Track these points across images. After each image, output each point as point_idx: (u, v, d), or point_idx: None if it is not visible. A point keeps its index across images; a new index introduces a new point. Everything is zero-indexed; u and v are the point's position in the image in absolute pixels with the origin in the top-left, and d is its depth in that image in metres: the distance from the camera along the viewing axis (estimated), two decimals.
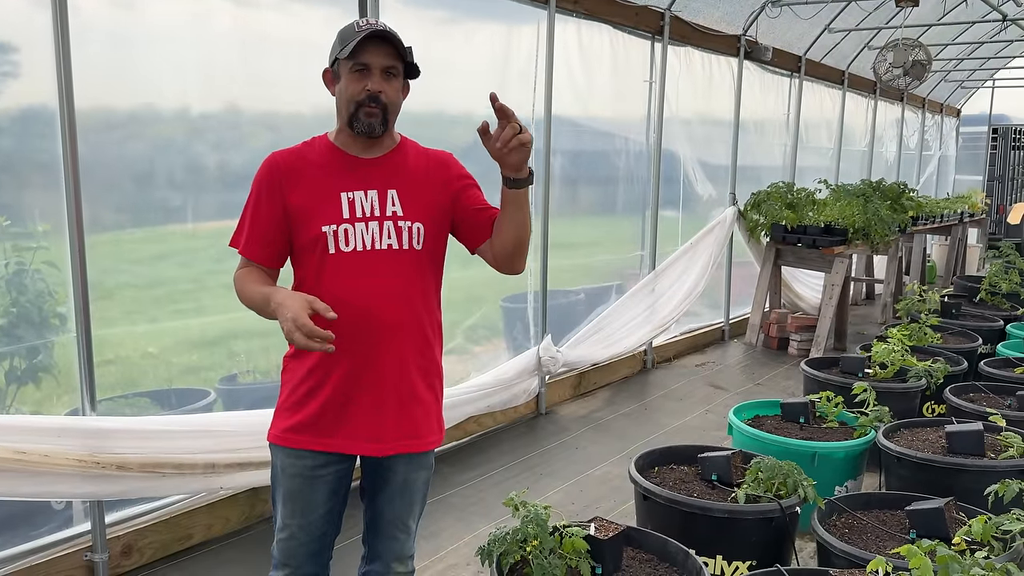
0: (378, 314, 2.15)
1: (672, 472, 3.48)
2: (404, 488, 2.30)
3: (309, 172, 2.17)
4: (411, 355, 2.21)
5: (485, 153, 2.16)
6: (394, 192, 2.19)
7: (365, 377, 2.17)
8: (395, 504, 2.31)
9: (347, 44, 2.08)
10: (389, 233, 2.16)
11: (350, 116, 2.14)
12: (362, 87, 2.10)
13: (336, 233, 2.13)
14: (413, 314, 2.21)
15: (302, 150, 2.22)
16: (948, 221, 10.44)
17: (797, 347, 7.47)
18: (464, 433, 4.92)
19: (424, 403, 2.26)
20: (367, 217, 2.15)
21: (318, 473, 2.22)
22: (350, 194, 2.15)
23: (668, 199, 7.01)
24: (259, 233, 2.19)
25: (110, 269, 3.41)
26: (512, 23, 5.06)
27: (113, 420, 3.16)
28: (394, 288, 2.17)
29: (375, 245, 2.15)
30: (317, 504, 2.24)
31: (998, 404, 4.51)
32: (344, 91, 2.13)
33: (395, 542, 2.34)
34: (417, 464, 2.30)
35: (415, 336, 2.22)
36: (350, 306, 2.12)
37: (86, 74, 3.03)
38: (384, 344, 2.17)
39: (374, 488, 2.32)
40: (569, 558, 2.56)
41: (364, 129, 2.13)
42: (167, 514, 3.49)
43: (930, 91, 12.79)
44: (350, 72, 2.11)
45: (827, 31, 8.40)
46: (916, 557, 2.24)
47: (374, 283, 2.15)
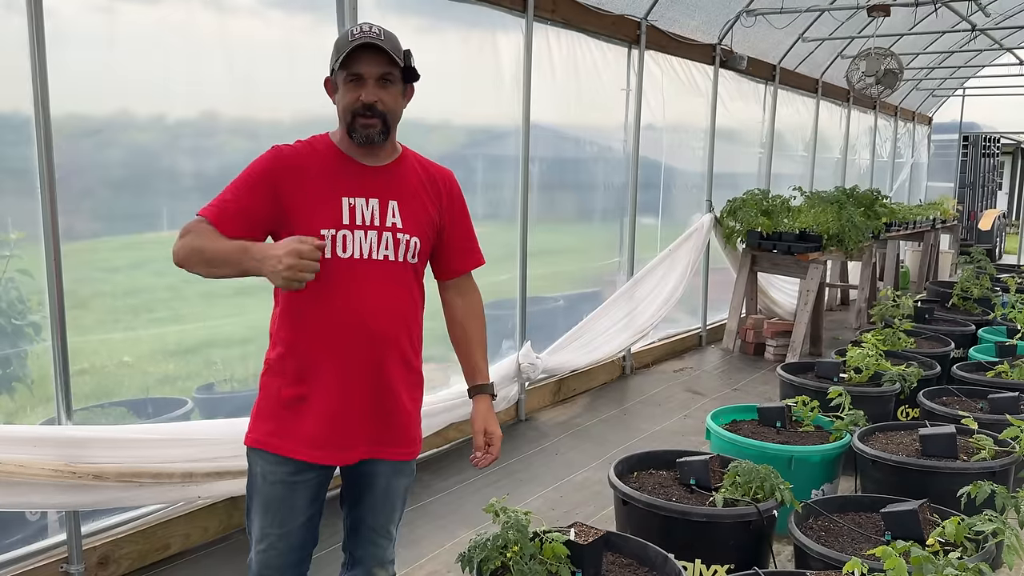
0: (370, 324, 2.13)
1: (651, 477, 3.51)
2: (386, 495, 2.29)
3: (312, 171, 2.13)
4: (397, 366, 2.21)
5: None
6: (395, 203, 2.17)
7: (353, 385, 2.15)
8: (377, 511, 2.30)
9: (341, 54, 2.06)
10: (387, 244, 2.15)
11: (348, 126, 2.12)
12: (356, 97, 2.08)
13: (335, 238, 2.10)
14: (402, 326, 2.21)
15: (306, 148, 2.19)
16: (921, 227, 10.60)
17: (773, 352, 7.54)
18: (444, 440, 4.92)
19: (408, 413, 2.27)
20: (367, 226, 2.13)
21: (299, 479, 2.19)
22: (351, 200, 2.13)
23: (647, 205, 7.07)
24: (240, 209, 2.08)
25: (85, 278, 3.37)
26: (491, 31, 5.08)
27: (89, 429, 3.13)
28: (387, 299, 2.16)
29: (372, 255, 2.14)
30: (298, 512, 2.22)
31: (971, 407, 4.58)
32: (340, 101, 2.12)
33: (377, 548, 2.34)
34: (399, 472, 2.30)
35: (402, 348, 2.21)
36: (342, 313, 2.12)
37: (61, 80, 3.01)
38: (373, 354, 2.15)
39: (355, 495, 2.31)
40: (549, 563, 2.57)
41: (362, 139, 2.12)
42: (144, 524, 3.45)
43: (902, 99, 12.99)
44: (345, 82, 2.09)
45: (801, 40, 8.51)
46: (891, 558, 2.27)
47: (368, 292, 2.13)
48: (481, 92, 5.17)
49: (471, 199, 2.64)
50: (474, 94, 5.16)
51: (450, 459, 4.80)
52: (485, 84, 5.12)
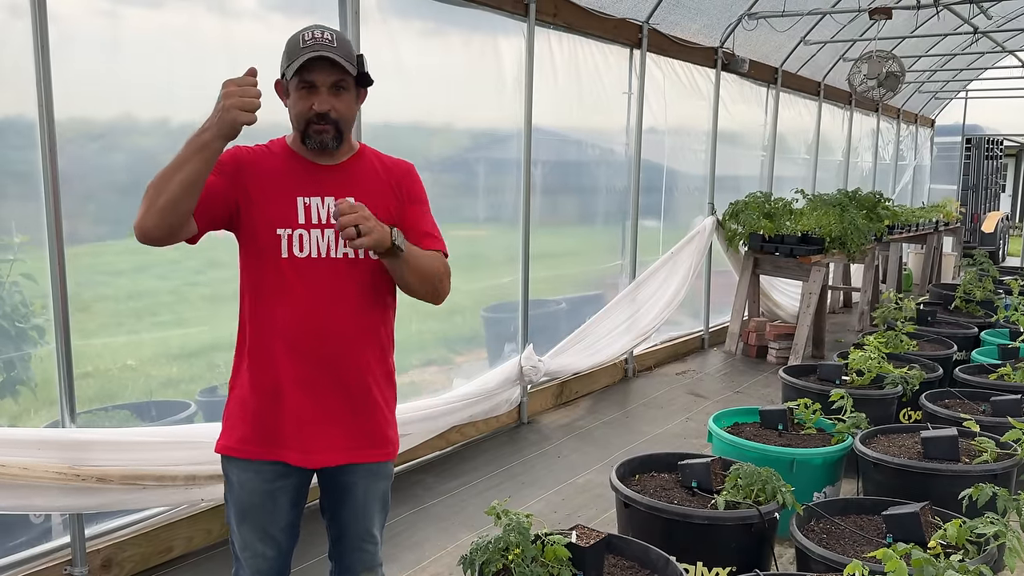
0: (335, 323, 2.13)
1: (653, 480, 3.51)
2: (366, 501, 2.27)
3: (268, 172, 2.15)
4: (368, 364, 2.20)
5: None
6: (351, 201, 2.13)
7: (319, 386, 2.14)
8: (359, 518, 2.29)
9: (292, 61, 2.06)
10: (345, 242, 2.12)
11: (301, 133, 2.13)
12: (309, 106, 2.08)
13: (291, 237, 2.11)
14: (369, 324, 2.20)
15: (262, 150, 2.21)
16: (923, 230, 10.59)
17: (776, 355, 7.54)
18: (446, 443, 4.93)
19: (381, 412, 2.24)
20: (323, 224, 2.13)
21: (278, 486, 2.18)
22: (306, 199, 2.13)
23: (649, 208, 7.07)
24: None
25: (88, 281, 3.39)
26: (493, 35, 5.09)
27: (93, 432, 3.14)
28: (351, 297, 2.15)
29: (330, 253, 2.13)
30: (279, 518, 2.21)
31: (973, 410, 4.58)
32: (293, 108, 2.12)
33: (364, 554, 2.33)
34: (377, 474, 2.27)
35: (372, 345, 2.20)
36: (303, 313, 2.11)
37: (65, 84, 3.02)
38: (341, 353, 2.15)
39: (336, 504, 2.29)
40: (551, 566, 2.58)
41: (316, 145, 2.12)
42: (147, 527, 3.46)
43: (905, 102, 12.98)
44: (297, 89, 2.09)
45: (803, 43, 8.52)
46: (892, 560, 2.28)
47: (330, 291, 2.13)
48: (483, 96, 5.18)
49: (473, 202, 2.65)
50: (476, 98, 5.17)
51: (452, 462, 4.80)
52: (487, 88, 5.14)
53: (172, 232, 2.02)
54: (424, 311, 5.02)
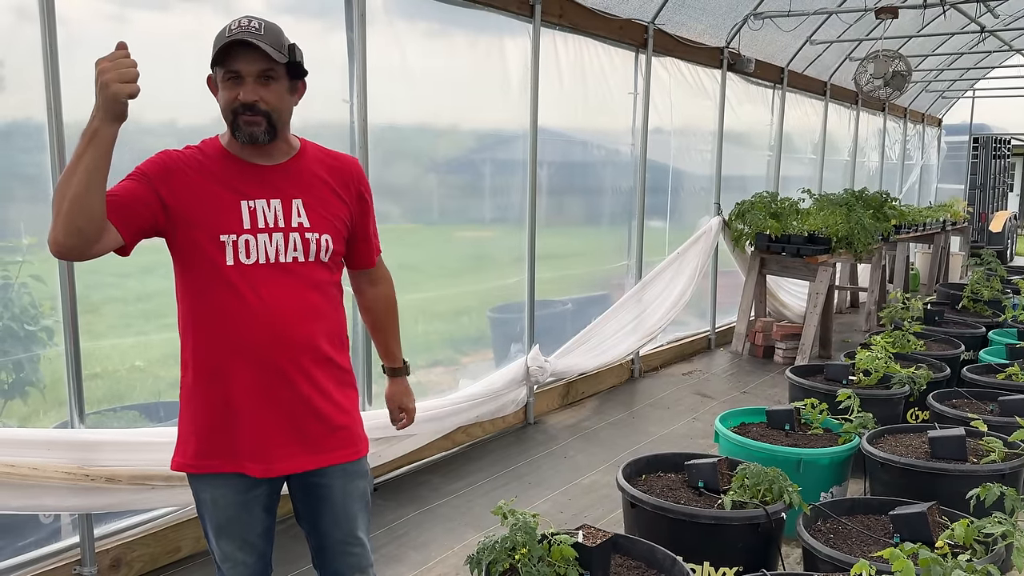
0: (282, 329, 2.04)
1: (659, 480, 3.51)
2: (345, 503, 2.20)
3: (201, 176, 2.02)
4: (319, 368, 2.12)
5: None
6: (299, 202, 2.08)
7: (274, 393, 2.06)
8: (341, 522, 2.21)
9: (215, 50, 1.97)
10: (295, 245, 2.06)
11: (231, 125, 2.03)
12: (235, 96, 1.98)
13: (236, 244, 2.00)
14: (319, 327, 2.11)
15: (195, 153, 2.07)
16: (931, 229, 10.56)
17: (783, 355, 7.53)
18: (453, 443, 4.94)
19: (343, 412, 2.18)
20: (270, 228, 2.04)
21: (251, 496, 2.13)
22: (251, 203, 2.03)
23: (655, 209, 7.07)
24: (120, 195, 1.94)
25: (97, 283, 3.40)
26: (499, 36, 5.10)
27: (102, 432, 3.16)
28: (299, 302, 2.07)
29: (280, 258, 2.04)
30: (255, 526, 2.17)
31: (980, 410, 4.57)
32: (220, 100, 2.02)
33: (352, 558, 2.26)
34: (352, 474, 2.21)
35: (321, 349, 2.12)
36: (253, 322, 2.02)
37: (73, 87, 3.04)
38: (290, 359, 2.06)
39: (313, 511, 2.21)
40: (558, 566, 2.58)
41: (246, 138, 2.02)
42: (156, 527, 3.48)
43: (911, 101, 12.95)
44: (223, 80, 1.99)
45: (809, 43, 8.50)
46: (899, 560, 2.28)
47: (278, 297, 2.04)
48: (489, 97, 5.19)
49: (479, 203, 2.68)
50: (482, 99, 5.18)
51: (458, 462, 4.81)
52: (493, 89, 5.15)
53: (86, 239, 1.86)
54: (431, 312, 5.05)
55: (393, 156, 4.50)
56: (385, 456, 4.23)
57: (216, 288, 2.02)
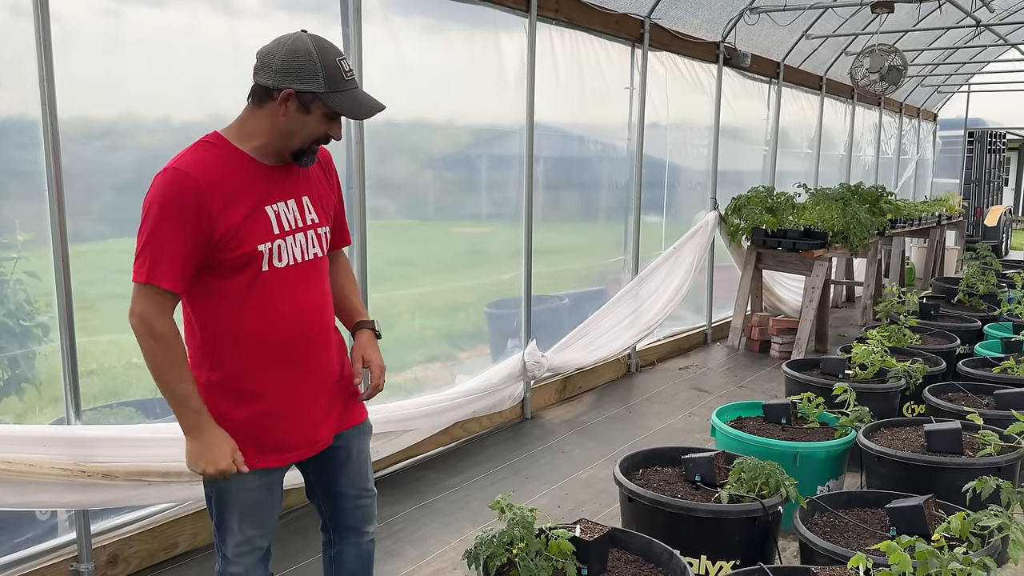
0: (311, 322, 2.22)
1: (656, 474, 3.52)
2: (359, 459, 2.43)
3: (229, 187, 2.05)
4: (330, 347, 2.32)
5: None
6: (307, 199, 2.22)
7: (305, 384, 2.23)
8: (354, 477, 2.43)
9: (339, 93, 2.05)
10: (313, 243, 2.22)
11: (300, 149, 2.13)
12: (325, 131, 2.13)
13: (271, 250, 2.11)
14: (329, 311, 2.33)
15: (207, 160, 2.07)
16: (926, 224, 10.57)
17: (779, 349, 7.54)
18: (450, 438, 4.94)
19: (348, 379, 2.41)
20: (293, 229, 2.16)
21: (274, 479, 2.29)
22: (274, 207, 2.13)
23: (651, 204, 7.07)
24: (182, 258, 2.02)
25: (93, 280, 3.39)
26: (494, 31, 5.09)
27: (99, 429, 3.15)
28: (318, 295, 2.25)
29: (303, 256, 2.19)
30: (274, 509, 2.32)
31: (976, 403, 4.58)
32: (308, 127, 2.09)
33: (363, 509, 2.48)
34: (363, 432, 2.46)
35: (331, 329, 2.34)
36: (286, 323, 2.15)
37: (69, 83, 3.03)
38: (319, 347, 2.26)
39: (332, 476, 2.40)
40: (555, 560, 2.59)
41: (307, 163, 2.18)
42: (153, 523, 3.48)
43: (907, 96, 12.96)
44: (324, 116, 2.09)
45: (805, 37, 8.50)
46: (895, 553, 2.28)
47: (304, 295, 2.19)
48: (485, 92, 5.18)
49: (476, 198, 2.73)
50: (478, 94, 5.17)
51: (455, 457, 4.81)
52: (489, 84, 5.14)
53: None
54: (427, 308, 5.04)
55: (389, 151, 4.48)
56: (383, 451, 4.22)
57: (251, 292, 2.11)
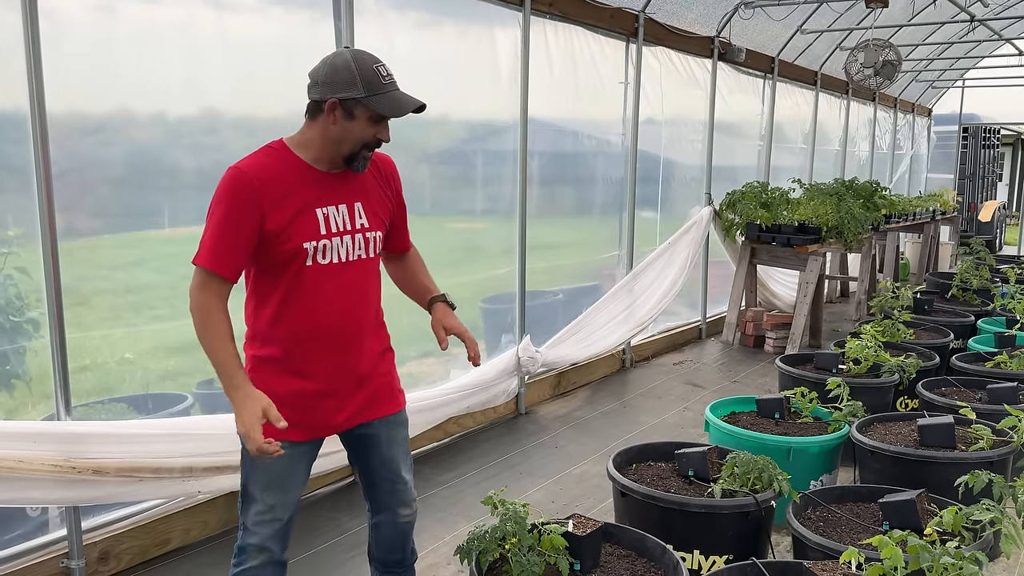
0: (352, 315, 2.40)
1: (650, 469, 3.51)
2: (391, 446, 2.57)
3: (280, 187, 2.26)
4: (374, 342, 2.50)
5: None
6: (359, 205, 2.40)
7: (347, 368, 2.42)
8: (388, 463, 2.58)
9: (378, 96, 2.23)
10: (359, 245, 2.39)
11: (352, 154, 2.32)
12: (374, 134, 2.31)
13: (316, 248, 2.30)
14: (375, 308, 2.51)
15: (267, 163, 2.28)
16: (920, 219, 10.59)
17: (773, 344, 7.54)
18: (444, 434, 4.93)
19: (389, 376, 2.58)
20: (341, 232, 2.35)
21: (299, 452, 2.43)
22: (324, 210, 2.32)
23: (646, 199, 7.07)
24: (233, 247, 2.22)
25: (87, 275, 3.38)
26: (489, 25, 5.07)
27: (89, 424, 3.13)
28: (362, 291, 2.43)
29: (348, 257, 2.37)
30: (297, 482, 2.46)
31: (969, 398, 4.59)
32: (354, 132, 2.28)
33: (397, 493, 2.61)
34: (396, 423, 2.59)
35: (375, 326, 2.52)
36: (328, 311, 2.35)
37: (61, 78, 3.01)
38: (358, 339, 2.43)
39: (364, 456, 2.59)
40: (548, 555, 2.58)
41: (360, 167, 2.36)
42: (144, 519, 3.46)
43: (902, 91, 12.96)
44: (368, 120, 2.27)
45: (800, 32, 8.50)
46: (888, 547, 2.28)
47: (347, 289, 2.38)
48: (479, 87, 5.16)
49: (470, 194, 2.78)
50: (472, 89, 5.15)
51: (449, 453, 4.81)
52: (483, 79, 5.12)
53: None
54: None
55: (385, 147, 4.46)
56: None
57: (296, 286, 2.31)
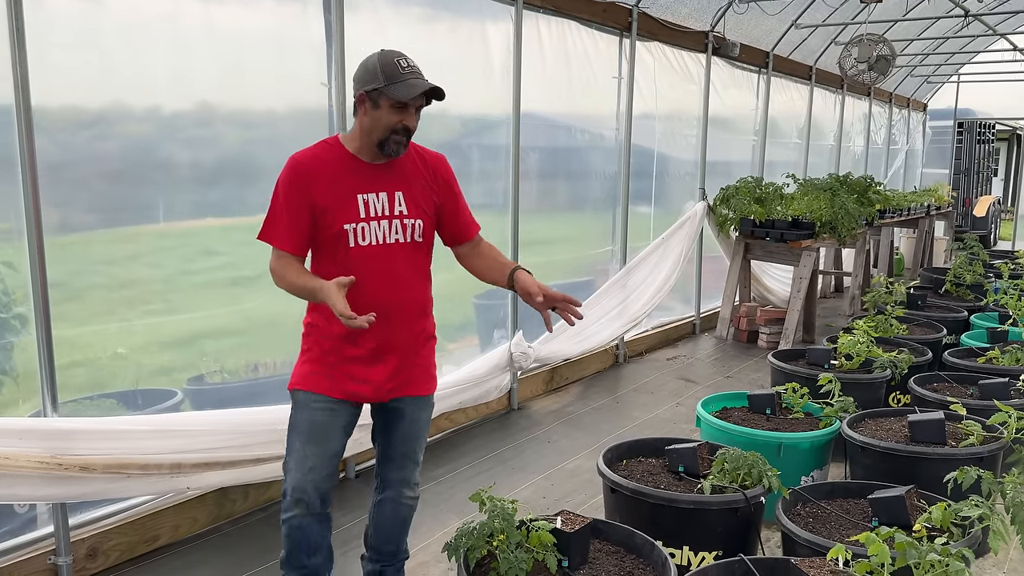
0: (390, 293, 2.61)
1: (640, 465, 3.51)
2: (412, 425, 2.77)
3: (328, 175, 2.56)
4: (413, 324, 2.71)
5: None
6: (400, 194, 2.62)
7: (381, 341, 2.63)
8: (405, 439, 2.78)
9: (396, 84, 2.47)
10: (397, 230, 2.61)
11: (382, 140, 2.54)
12: (399, 120, 2.52)
13: (355, 230, 2.56)
14: (414, 292, 2.70)
15: (319, 154, 2.60)
16: (915, 214, 10.59)
17: (766, 340, 7.55)
18: (436, 430, 4.92)
19: (422, 358, 2.77)
20: (379, 216, 2.58)
21: (337, 409, 2.67)
22: (364, 196, 2.57)
23: (640, 194, 7.05)
24: (289, 226, 2.55)
25: (81, 270, 3.38)
26: (482, 20, 5.05)
27: (76, 421, 3.11)
28: (401, 273, 2.64)
29: (386, 240, 2.60)
30: (334, 439, 2.68)
31: (961, 393, 4.59)
32: (381, 120, 2.52)
33: (404, 471, 2.81)
34: (421, 405, 2.79)
35: (415, 309, 2.71)
36: (369, 290, 2.57)
37: (54, 72, 3.00)
38: (395, 317, 2.63)
39: (387, 428, 2.79)
40: (536, 552, 2.58)
41: (392, 152, 2.57)
42: (133, 515, 3.45)
43: (897, 86, 12.96)
44: (392, 108, 2.51)
45: (794, 27, 8.47)
46: (874, 544, 2.28)
47: (387, 270, 2.60)
48: (472, 82, 5.13)
49: (465, 189, 2.86)
50: (465, 84, 5.12)
51: (442, 448, 4.80)
52: (475, 74, 5.09)
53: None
54: None
55: None
56: (366, 443, 4.19)
57: (342, 264, 2.57)
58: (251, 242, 2.71)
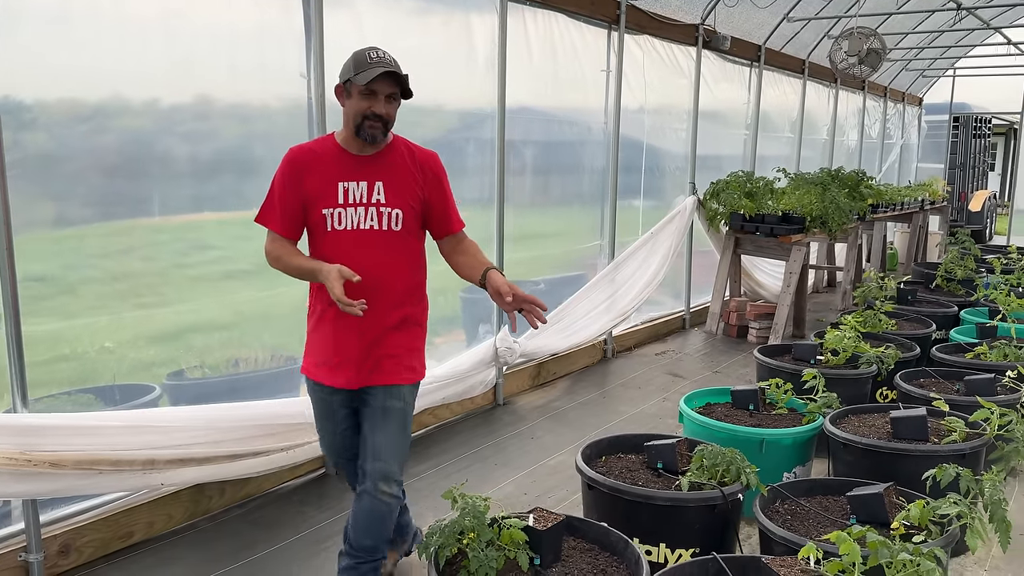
0: (366, 280, 2.63)
1: (620, 461, 3.48)
2: (383, 414, 2.80)
3: (318, 165, 2.73)
4: (388, 309, 2.77)
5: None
6: (380, 183, 2.73)
7: (351, 328, 2.74)
8: (377, 428, 2.80)
9: (361, 72, 2.61)
10: (372, 217, 2.72)
11: (356, 127, 2.69)
12: (368, 106, 2.65)
13: (332, 215, 2.71)
14: (390, 279, 2.76)
15: (314, 147, 2.79)
16: (909, 208, 10.55)
17: (756, 335, 7.51)
18: (419, 425, 4.89)
19: (396, 347, 2.81)
20: (356, 203, 2.71)
21: (328, 398, 2.89)
22: (345, 184, 2.71)
23: (629, 188, 7.01)
24: (283, 211, 2.74)
25: (75, 264, 3.37)
26: (465, 11, 5.00)
27: (46, 417, 3.08)
28: (376, 259, 2.72)
29: (360, 225, 2.71)
30: (336, 422, 2.92)
31: (947, 389, 4.57)
32: (352, 107, 2.68)
33: (379, 463, 2.79)
34: (391, 395, 2.80)
35: (390, 297, 2.77)
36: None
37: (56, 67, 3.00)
38: (369, 300, 2.64)
39: (361, 417, 2.87)
40: (507, 549, 2.55)
41: (367, 138, 2.69)
42: (107, 512, 3.41)
43: (892, 80, 12.91)
44: (360, 95, 2.65)
45: (786, 20, 8.43)
46: (846, 543, 2.25)
47: (360, 255, 2.69)
48: (456, 76, 5.08)
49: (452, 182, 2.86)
50: (450, 78, 5.07)
51: (423, 445, 4.76)
52: (460, 67, 5.04)
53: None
54: None
55: None
56: None
57: (323, 246, 2.74)
58: (246, 236, 2.80)
